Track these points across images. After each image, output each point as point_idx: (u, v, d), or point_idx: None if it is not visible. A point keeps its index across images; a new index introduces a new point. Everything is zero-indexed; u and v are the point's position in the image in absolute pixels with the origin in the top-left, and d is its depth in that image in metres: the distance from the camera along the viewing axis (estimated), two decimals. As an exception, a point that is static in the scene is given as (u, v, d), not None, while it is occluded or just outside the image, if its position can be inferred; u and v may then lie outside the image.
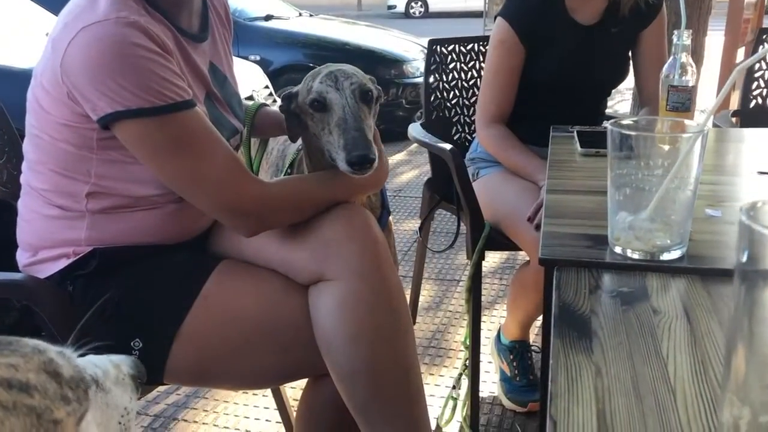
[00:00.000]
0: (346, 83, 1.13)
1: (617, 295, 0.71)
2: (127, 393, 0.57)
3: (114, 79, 0.97)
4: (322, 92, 1.11)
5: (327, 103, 1.12)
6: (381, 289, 1.08)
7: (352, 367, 1.06)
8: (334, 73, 1.14)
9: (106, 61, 0.97)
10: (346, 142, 1.07)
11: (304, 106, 1.15)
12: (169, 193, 1.13)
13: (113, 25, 0.98)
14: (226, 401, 1.94)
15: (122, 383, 0.57)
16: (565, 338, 0.61)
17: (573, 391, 0.53)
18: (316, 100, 1.12)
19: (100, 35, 0.98)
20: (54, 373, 0.45)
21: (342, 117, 1.09)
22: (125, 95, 0.98)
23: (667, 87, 1.27)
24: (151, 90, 0.99)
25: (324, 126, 1.12)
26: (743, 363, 0.40)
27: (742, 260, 0.39)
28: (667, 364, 0.57)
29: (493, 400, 1.94)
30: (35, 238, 1.18)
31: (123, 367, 0.59)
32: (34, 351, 0.45)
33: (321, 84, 1.13)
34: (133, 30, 0.99)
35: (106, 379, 0.55)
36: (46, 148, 1.12)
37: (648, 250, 0.78)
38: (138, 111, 0.99)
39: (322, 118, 1.12)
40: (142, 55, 0.99)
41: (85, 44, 0.98)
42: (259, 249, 1.18)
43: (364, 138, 1.07)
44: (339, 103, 1.10)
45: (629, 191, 0.78)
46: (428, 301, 2.57)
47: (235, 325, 1.10)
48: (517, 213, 1.61)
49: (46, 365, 0.45)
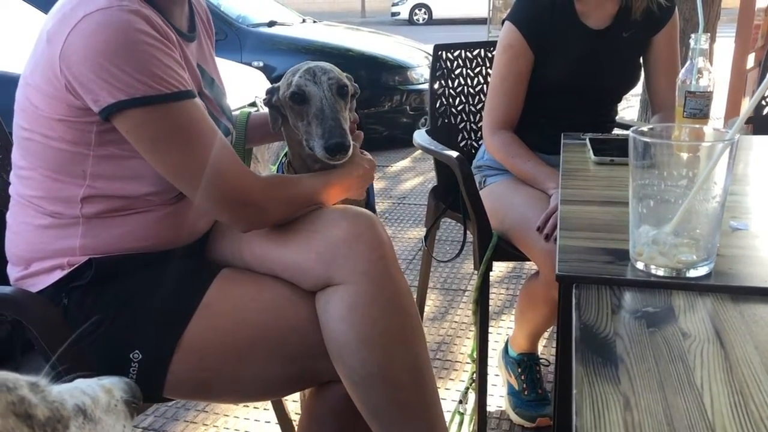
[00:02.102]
0: (323, 78, 1.19)
1: (642, 315, 0.65)
2: (120, 421, 0.52)
3: (118, 66, 0.95)
4: (301, 86, 1.18)
5: (306, 96, 1.17)
6: (391, 291, 1.06)
7: (366, 372, 1.03)
8: (312, 68, 1.20)
9: (111, 47, 0.95)
10: (323, 130, 1.14)
11: (285, 99, 1.21)
12: (164, 191, 1.11)
13: (117, 11, 0.97)
14: (226, 414, 1.90)
15: (114, 410, 0.52)
16: (588, 365, 0.56)
17: (600, 426, 0.48)
18: (296, 93, 1.17)
19: (104, 21, 0.96)
20: (25, 415, 0.39)
21: (320, 108, 1.16)
22: (130, 82, 0.96)
23: (684, 93, 1.22)
24: (156, 77, 0.98)
25: (303, 117, 1.18)
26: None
27: None
28: (702, 394, 0.52)
29: (500, 415, 1.90)
30: (27, 250, 1.14)
31: (115, 391, 0.54)
32: (0, 389, 0.40)
33: (300, 78, 1.18)
34: (136, 17, 0.98)
35: (95, 407, 0.50)
36: (38, 150, 1.08)
37: (673, 267, 0.73)
38: (143, 99, 0.97)
39: (302, 110, 1.18)
40: (146, 41, 0.97)
41: (89, 31, 0.96)
42: (262, 255, 1.15)
43: (340, 127, 1.14)
44: (317, 95, 1.17)
45: (653, 203, 0.73)
46: (434, 311, 2.52)
47: (239, 334, 1.07)
48: (525, 222, 1.56)
49: (15, 406, 0.39)
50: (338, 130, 1.13)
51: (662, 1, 1.71)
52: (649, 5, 1.71)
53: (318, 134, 1.14)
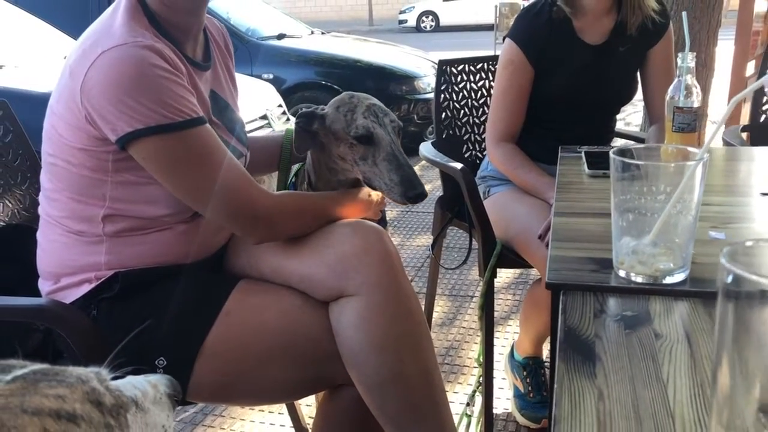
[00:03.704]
0: (386, 120, 1.25)
1: (621, 319, 0.73)
2: (164, 411, 0.61)
3: (133, 98, 1.03)
4: (369, 127, 1.23)
5: (374, 139, 1.23)
6: (399, 299, 1.13)
7: (380, 378, 1.10)
8: (372, 108, 1.26)
9: (126, 80, 1.03)
10: (401, 178, 1.20)
11: (342, 134, 1.25)
12: (178, 213, 1.19)
13: (131, 48, 1.05)
14: (242, 419, 1.97)
15: (160, 402, 0.61)
16: (569, 362, 0.64)
17: (576, 415, 0.56)
18: (364, 135, 1.23)
19: (120, 57, 1.04)
20: (96, 402, 0.49)
21: (391, 153, 1.22)
22: (144, 112, 1.04)
23: (673, 108, 1.29)
24: (169, 106, 1.05)
25: (367, 158, 1.24)
26: (727, 379, 0.43)
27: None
28: (666, 387, 0.60)
29: (507, 417, 1.96)
30: (56, 266, 1.22)
31: (160, 386, 0.63)
32: (78, 381, 0.49)
33: (365, 119, 1.24)
34: (149, 52, 1.05)
35: (144, 399, 0.58)
36: (63, 175, 1.17)
37: (651, 274, 0.80)
38: (157, 128, 1.05)
39: (366, 151, 1.24)
40: (159, 74, 1.05)
41: (106, 66, 1.04)
42: (278, 267, 1.22)
43: (416, 175, 1.21)
44: (385, 139, 1.23)
45: (632, 217, 0.81)
46: (441, 318, 2.58)
47: (257, 340, 1.14)
48: (528, 231, 1.63)
49: (89, 395, 0.48)
50: (416, 179, 1.20)
51: (656, 17, 1.78)
52: (644, 21, 1.77)
53: (395, 181, 1.20)
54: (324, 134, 1.29)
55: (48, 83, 3.35)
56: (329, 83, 5.23)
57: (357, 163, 1.26)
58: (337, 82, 5.17)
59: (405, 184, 1.20)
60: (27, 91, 3.25)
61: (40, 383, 0.46)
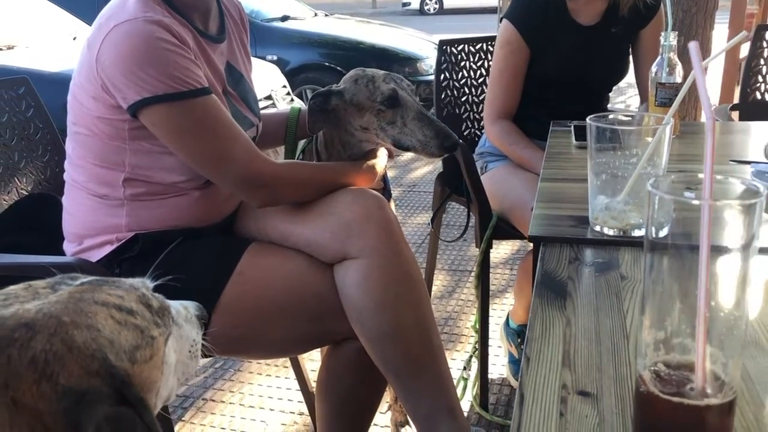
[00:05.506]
0: (403, 84, 1.34)
1: (592, 264, 0.82)
2: (194, 328, 0.72)
3: (142, 69, 1.12)
4: (394, 90, 1.31)
5: (399, 101, 1.31)
6: (398, 262, 1.21)
7: (381, 332, 1.20)
8: (390, 75, 1.35)
9: (135, 53, 1.12)
10: (436, 132, 1.30)
11: (368, 103, 1.33)
12: (192, 179, 1.28)
13: (141, 22, 1.14)
14: (251, 382, 2.08)
15: (190, 321, 0.72)
16: (543, 298, 0.73)
17: (545, 336, 0.65)
18: (391, 97, 1.31)
19: (130, 31, 1.13)
20: (146, 304, 0.60)
21: (419, 111, 1.31)
22: (152, 83, 1.13)
23: (656, 84, 1.38)
24: (174, 77, 1.14)
25: (395, 120, 1.32)
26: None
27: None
28: (626, 318, 0.69)
29: (502, 381, 2.06)
30: (80, 228, 1.32)
31: (190, 309, 0.74)
32: (131, 287, 0.61)
33: (387, 84, 1.32)
34: (157, 27, 1.14)
35: (178, 316, 0.69)
36: (86, 142, 1.26)
37: (622, 228, 0.90)
38: (163, 96, 1.14)
39: (395, 114, 1.32)
40: (166, 48, 1.14)
41: (118, 39, 1.13)
42: (285, 232, 1.31)
43: (447, 127, 1.30)
44: (410, 100, 1.32)
45: (606, 177, 0.90)
46: (441, 290, 2.68)
47: (268, 297, 1.24)
48: (522, 203, 1.72)
49: (140, 298, 0.59)
50: (448, 130, 1.29)
51: (647, -1, 1.86)
52: (636, 2, 1.85)
53: (430, 135, 1.29)
54: (344, 108, 1.35)
55: (57, 63, 3.45)
56: (332, 65, 5.30)
57: (384, 129, 1.33)
58: (340, 63, 5.23)
59: (441, 137, 1.29)
60: (37, 70, 3.35)
61: (102, 286, 0.57)
